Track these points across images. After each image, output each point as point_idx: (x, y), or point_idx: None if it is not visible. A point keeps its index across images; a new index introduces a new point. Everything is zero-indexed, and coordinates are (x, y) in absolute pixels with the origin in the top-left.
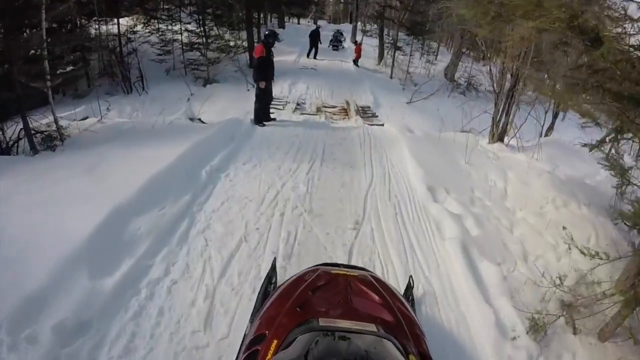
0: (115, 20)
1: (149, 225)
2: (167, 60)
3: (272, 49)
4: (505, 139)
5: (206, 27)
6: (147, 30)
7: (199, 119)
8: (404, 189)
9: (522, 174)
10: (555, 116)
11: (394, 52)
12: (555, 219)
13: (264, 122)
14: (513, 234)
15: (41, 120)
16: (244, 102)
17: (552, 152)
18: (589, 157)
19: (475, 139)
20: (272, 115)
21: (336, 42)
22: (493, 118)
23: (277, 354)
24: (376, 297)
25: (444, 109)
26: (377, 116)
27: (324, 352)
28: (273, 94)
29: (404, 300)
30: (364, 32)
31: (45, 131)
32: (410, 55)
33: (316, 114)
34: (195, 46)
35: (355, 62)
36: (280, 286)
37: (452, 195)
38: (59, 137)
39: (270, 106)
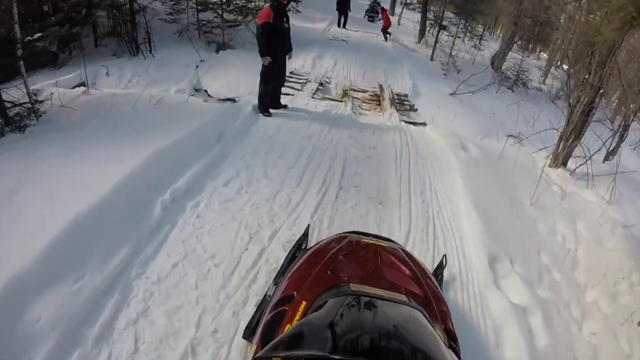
0: None
1: (55, 313)
2: (179, 20)
3: (288, 13)
4: (570, 163)
5: None
6: None
7: (205, 91)
8: (454, 256)
9: (594, 226)
10: (622, 138)
11: (438, 31)
12: (631, 305)
13: (270, 111)
14: (583, 334)
15: (35, 86)
16: (258, 74)
17: (619, 187)
18: None
19: (534, 161)
20: (282, 102)
21: (372, 12)
22: (561, 137)
23: (306, 316)
24: (406, 270)
25: (494, 107)
26: (416, 110)
27: (351, 320)
28: (288, 72)
29: (432, 277)
30: (405, 4)
31: (23, 103)
32: (456, 36)
33: (341, 101)
34: (211, 6)
35: (385, 31)
36: (309, 249)
37: (517, 269)
38: (33, 113)
39: (284, 87)
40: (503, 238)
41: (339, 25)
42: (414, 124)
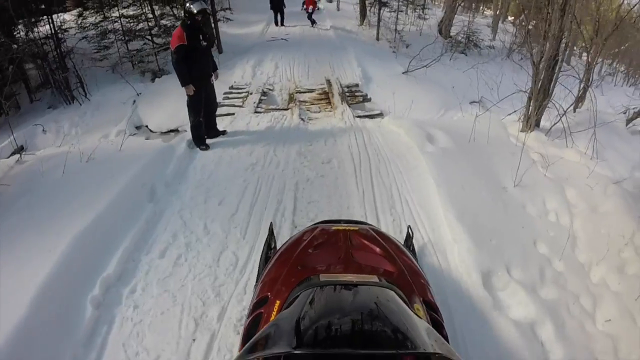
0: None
1: None
2: (109, 55)
3: (204, 28)
4: (543, 122)
5: (147, 7)
6: (81, 25)
7: (146, 127)
8: (442, 282)
9: (585, 192)
10: (588, 82)
11: (379, 9)
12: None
13: (208, 141)
14: (598, 326)
15: None
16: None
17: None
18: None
19: (505, 129)
20: (220, 127)
21: None
22: (530, 97)
23: (278, 314)
24: (377, 249)
25: (451, 77)
26: (370, 99)
27: (317, 311)
28: (227, 87)
29: (406, 250)
30: None
31: None
32: (398, 10)
33: (287, 108)
34: (138, 32)
35: (310, 16)
36: (280, 248)
37: (516, 275)
38: None
39: (225, 106)
40: (494, 244)
41: (276, 24)
42: (370, 117)
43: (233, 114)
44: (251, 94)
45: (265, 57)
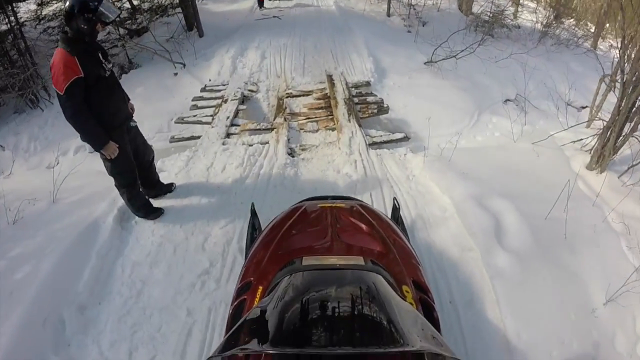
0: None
1: None
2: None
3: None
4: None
5: None
6: (39, 16)
7: None
8: None
9: None
10: None
11: None
12: None
13: (155, 207)
14: None
15: None
16: (169, 95)
17: None
18: None
19: (568, 163)
20: (170, 174)
21: None
22: (608, 126)
23: (258, 302)
24: (364, 227)
25: (482, 67)
26: (386, 109)
27: (308, 291)
28: (202, 85)
29: (395, 227)
30: None
31: None
32: None
33: (272, 128)
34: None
35: None
36: (264, 229)
37: None
38: None
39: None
40: None
41: None
42: (391, 143)
43: (198, 137)
44: (226, 100)
45: (250, 44)
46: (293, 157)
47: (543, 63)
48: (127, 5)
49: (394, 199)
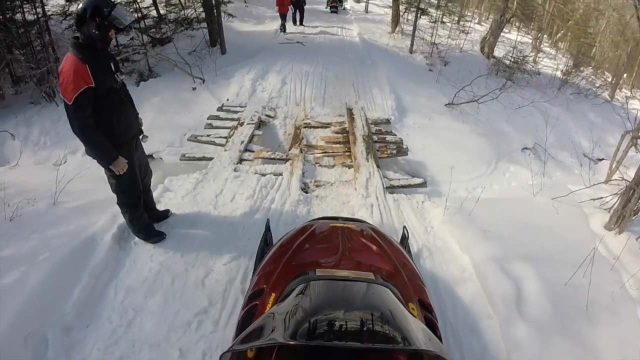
0: None
1: None
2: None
3: (118, 58)
4: None
5: None
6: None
7: None
8: None
9: None
10: None
11: (416, 16)
12: None
13: (157, 230)
14: None
15: None
16: (185, 110)
17: None
18: None
19: (586, 220)
20: (160, 206)
21: (334, 1)
22: (630, 188)
23: (274, 306)
24: (375, 248)
25: (503, 114)
26: (406, 150)
27: (323, 298)
28: (219, 104)
29: (403, 250)
30: None
31: None
32: (439, 20)
33: (287, 159)
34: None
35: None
36: (277, 242)
37: None
38: None
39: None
40: None
41: (294, 22)
42: (408, 188)
43: (210, 159)
44: (242, 123)
45: (271, 67)
46: (307, 193)
47: (562, 112)
48: (154, 13)
49: (404, 227)
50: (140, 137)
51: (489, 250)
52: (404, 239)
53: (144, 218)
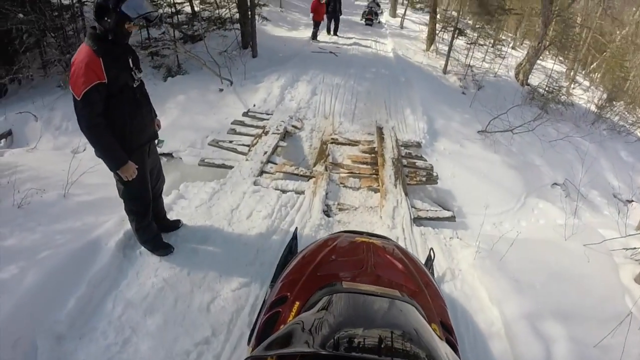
0: None
1: None
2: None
3: (139, 54)
4: None
5: None
6: None
7: None
8: None
9: None
10: None
11: (453, 36)
12: None
13: (166, 243)
14: None
15: None
16: (209, 111)
17: None
18: None
19: (616, 271)
20: (171, 216)
21: (370, 14)
22: None
23: (299, 314)
24: (400, 266)
25: (535, 146)
26: (436, 179)
27: (341, 316)
28: (245, 109)
29: (426, 271)
30: (410, 3)
31: None
32: (476, 43)
33: (311, 176)
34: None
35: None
36: (302, 251)
37: None
38: None
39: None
40: None
41: (328, 32)
42: (436, 220)
43: (229, 167)
44: (267, 132)
45: (302, 76)
46: (329, 217)
47: (595, 149)
48: (188, 9)
49: (431, 249)
50: (156, 141)
51: (520, 306)
52: (429, 260)
53: (152, 228)
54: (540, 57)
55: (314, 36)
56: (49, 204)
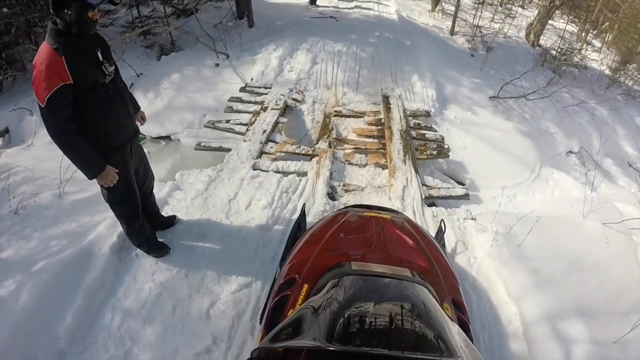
0: None
1: None
2: (116, 20)
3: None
4: None
5: None
6: None
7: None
8: None
9: None
10: None
11: None
12: None
13: (161, 243)
14: None
15: None
16: (206, 88)
17: None
18: None
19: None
20: (164, 212)
21: None
22: None
23: (309, 299)
24: (410, 241)
25: (550, 112)
26: (446, 150)
27: (359, 295)
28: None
29: (437, 245)
30: None
31: None
32: (483, 2)
33: (313, 154)
34: None
35: None
36: (310, 229)
37: None
38: None
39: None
40: None
41: None
42: (449, 199)
43: (227, 150)
44: (266, 108)
45: (301, 45)
46: (333, 200)
47: (610, 115)
48: None
49: (442, 220)
50: (137, 139)
51: (540, 305)
52: (440, 232)
53: (144, 230)
54: (551, 17)
55: (313, 1)
56: (45, 207)
